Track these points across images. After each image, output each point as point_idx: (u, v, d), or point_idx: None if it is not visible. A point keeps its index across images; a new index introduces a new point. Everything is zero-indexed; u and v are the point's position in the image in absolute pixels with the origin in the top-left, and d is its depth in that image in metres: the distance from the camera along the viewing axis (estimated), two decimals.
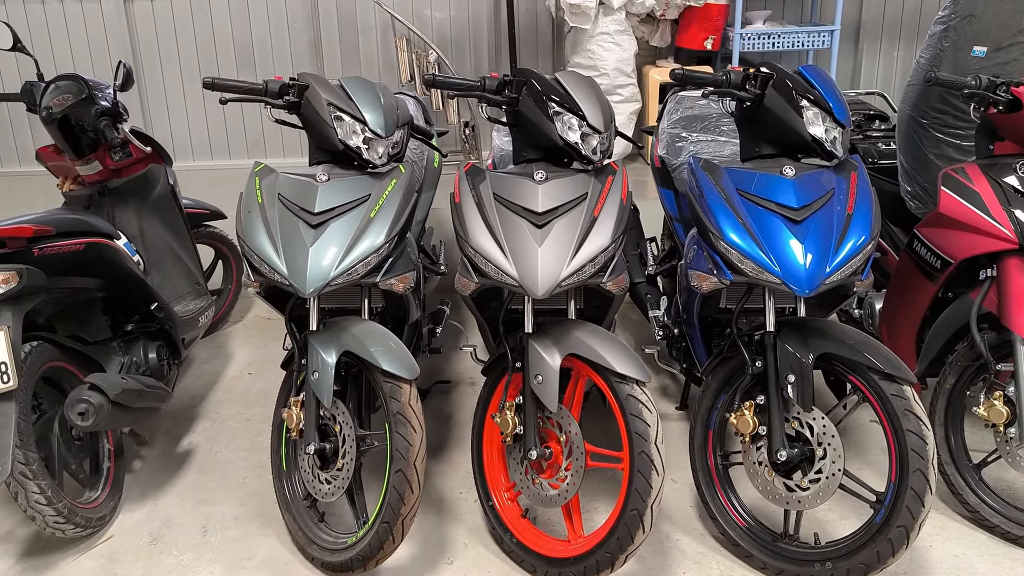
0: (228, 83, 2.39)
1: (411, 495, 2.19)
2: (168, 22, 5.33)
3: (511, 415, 2.33)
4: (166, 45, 5.36)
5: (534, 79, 2.35)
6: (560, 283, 2.20)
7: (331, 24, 5.32)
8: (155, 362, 2.92)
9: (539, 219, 2.25)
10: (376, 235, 2.30)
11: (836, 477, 2.19)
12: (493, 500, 2.49)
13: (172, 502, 2.77)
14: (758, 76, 2.31)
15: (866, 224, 2.22)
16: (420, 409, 2.25)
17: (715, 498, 2.46)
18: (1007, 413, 2.38)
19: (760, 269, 2.17)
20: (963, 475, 2.54)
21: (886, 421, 2.14)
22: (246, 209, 2.36)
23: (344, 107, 2.38)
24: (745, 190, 2.27)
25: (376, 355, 2.24)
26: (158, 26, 5.33)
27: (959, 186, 2.49)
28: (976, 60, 2.66)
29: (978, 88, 2.38)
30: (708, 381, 2.49)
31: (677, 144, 3.16)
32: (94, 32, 5.35)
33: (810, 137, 2.28)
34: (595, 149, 2.36)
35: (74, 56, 5.36)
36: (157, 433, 3.18)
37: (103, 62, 5.31)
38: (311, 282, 2.22)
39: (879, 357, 2.15)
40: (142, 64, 5.36)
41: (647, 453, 2.13)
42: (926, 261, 2.61)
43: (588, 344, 2.23)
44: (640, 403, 2.17)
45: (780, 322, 2.31)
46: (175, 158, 5.47)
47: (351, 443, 2.30)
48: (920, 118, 2.83)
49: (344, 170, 2.42)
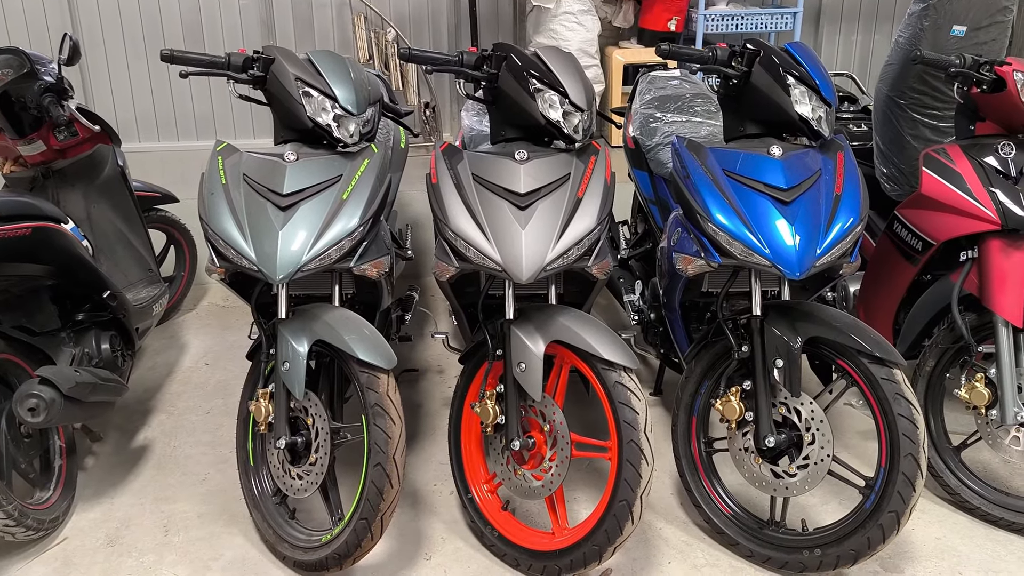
0: (188, 56, 2.23)
1: (391, 490, 2.09)
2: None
3: (492, 404, 2.24)
4: (109, 19, 5.09)
5: (514, 54, 2.25)
6: (545, 267, 2.11)
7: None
8: (108, 353, 2.76)
9: (522, 200, 2.16)
10: (349, 218, 2.18)
11: (825, 463, 2.16)
12: (472, 493, 2.40)
13: (130, 501, 2.62)
14: (745, 53, 2.25)
15: (855, 205, 2.18)
16: (399, 400, 2.15)
17: (699, 486, 2.42)
18: (988, 395, 2.37)
19: (749, 251, 2.12)
20: (943, 458, 2.54)
21: (876, 405, 2.11)
22: (208, 191, 2.22)
23: (313, 82, 2.25)
24: (732, 170, 2.21)
25: (351, 344, 2.13)
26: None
27: (941, 167, 2.46)
28: (955, 40, 2.64)
29: (962, 67, 2.35)
30: (691, 367, 2.43)
31: (651, 125, 3.09)
32: (31, 4, 5.06)
33: (797, 116, 2.23)
34: (577, 127, 2.27)
35: (8, 30, 5.06)
36: (109, 428, 3.02)
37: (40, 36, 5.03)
38: (282, 268, 2.10)
39: (869, 340, 2.12)
40: (83, 40, 5.08)
41: (636, 442, 2.07)
42: (907, 243, 2.59)
43: (573, 330, 2.15)
44: (628, 390, 2.10)
45: (766, 305, 2.27)
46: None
47: (325, 436, 2.19)
48: (898, 98, 2.80)
49: (313, 149, 2.30)
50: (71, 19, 5.07)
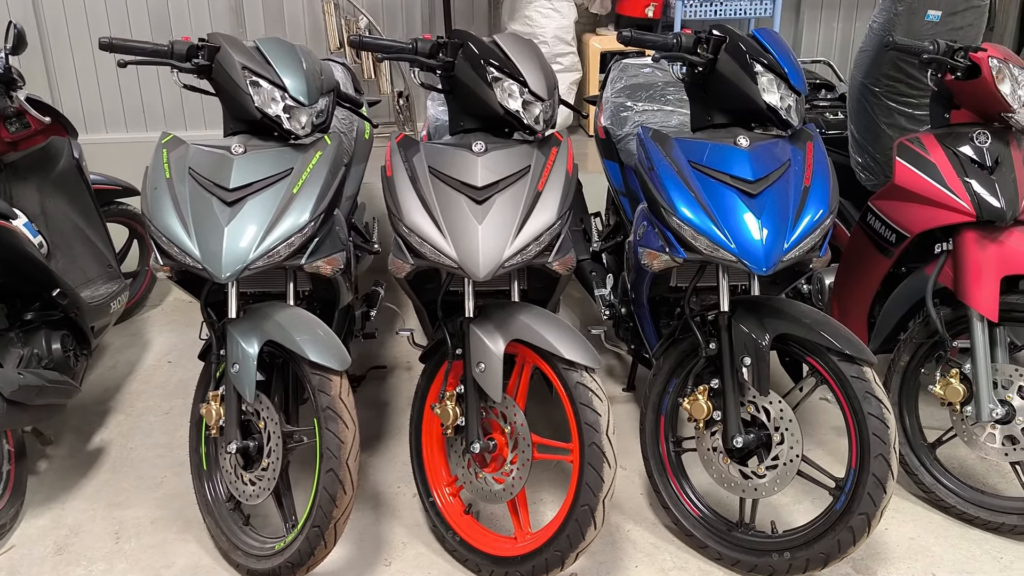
0: (129, 44, 2.14)
1: (344, 496, 2.01)
2: None
3: (452, 405, 2.16)
4: (73, 9, 4.97)
5: (471, 42, 2.16)
6: (503, 264, 2.03)
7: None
8: (59, 353, 2.66)
9: (479, 194, 2.08)
10: (300, 213, 2.09)
11: (794, 463, 2.09)
12: (434, 496, 2.33)
13: (81, 506, 2.53)
14: (710, 39, 2.16)
15: (824, 197, 2.10)
16: (352, 402, 2.07)
17: (667, 486, 2.35)
18: (963, 391, 2.31)
19: (715, 246, 2.04)
20: (918, 455, 2.48)
21: (846, 404, 2.05)
22: (152, 185, 2.12)
23: (261, 71, 2.15)
24: (697, 162, 2.13)
25: (302, 344, 2.04)
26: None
27: (914, 157, 2.39)
28: (930, 25, 2.56)
29: (936, 53, 2.27)
30: (659, 364, 2.36)
31: (622, 114, 3.00)
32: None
33: (764, 105, 2.15)
34: (538, 118, 2.18)
35: None
36: (64, 430, 2.92)
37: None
38: (227, 266, 2.01)
39: (838, 337, 2.05)
40: (46, 28, 4.96)
41: (598, 444, 1.99)
42: (880, 235, 2.52)
43: (533, 329, 2.08)
44: (590, 391, 2.03)
45: (734, 301, 2.19)
46: (86, 130, 5.12)
47: (277, 440, 2.11)
48: (872, 86, 2.73)
49: (263, 141, 2.20)
50: (34, 8, 4.94)
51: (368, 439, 2.85)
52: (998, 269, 2.27)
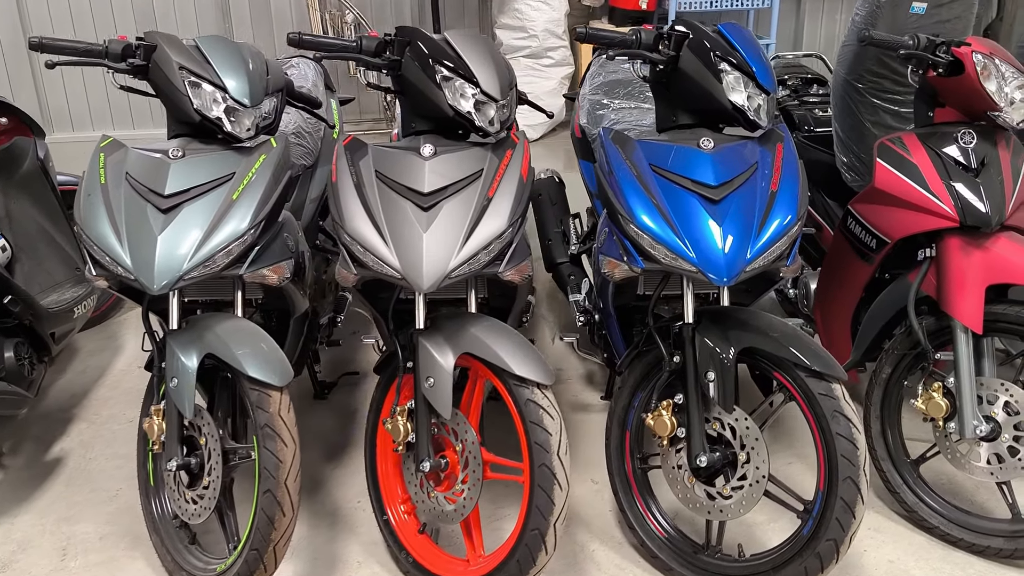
0: (60, 44, 2.04)
1: (282, 518, 1.92)
2: None
3: (403, 421, 2.06)
4: (57, 6, 4.91)
5: (419, 39, 2.05)
6: (449, 275, 1.92)
7: None
8: (12, 362, 2.59)
9: (425, 200, 1.97)
10: (239, 220, 2.00)
11: (761, 484, 1.98)
12: (388, 514, 2.23)
13: (31, 520, 2.46)
14: (672, 36, 2.04)
15: (792, 203, 1.98)
16: (293, 420, 1.97)
17: (633, 505, 2.24)
18: (946, 406, 2.19)
19: (674, 256, 1.92)
20: (900, 472, 2.35)
21: (814, 423, 1.93)
22: (86, 192, 2.04)
23: (200, 72, 2.06)
24: (659, 165, 2.02)
25: (241, 359, 1.95)
26: None
27: (896, 158, 2.26)
28: (915, 17, 2.42)
29: (915, 48, 2.14)
30: (625, 377, 2.25)
31: (598, 112, 2.89)
32: None
33: (730, 104, 2.03)
34: (492, 120, 2.07)
35: None
36: (25, 439, 2.86)
37: None
38: (160, 277, 1.92)
39: (806, 352, 1.92)
40: (31, 26, 4.91)
41: (548, 466, 1.89)
42: (860, 240, 2.39)
43: (484, 342, 1.97)
44: (541, 409, 1.92)
45: (700, 312, 2.07)
46: (73, 128, 5.08)
47: (217, 458, 2.02)
48: (856, 82, 2.59)
49: (204, 145, 2.11)
50: (19, 9, 4.88)
51: (334, 449, 2.76)
52: (983, 277, 2.14)
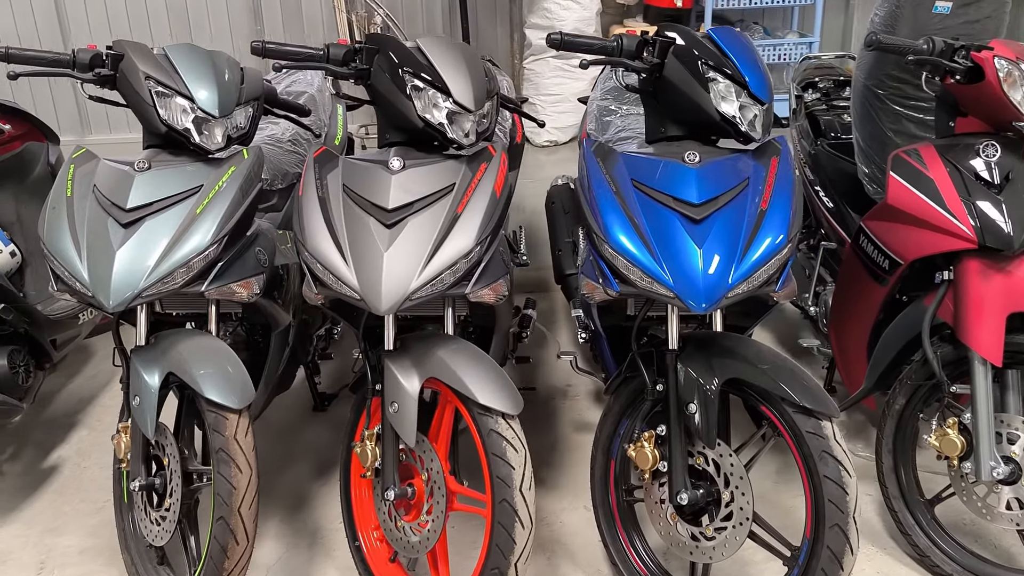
0: (25, 54, 2.01)
1: (236, 547, 1.85)
2: None
3: (371, 445, 1.97)
4: (95, 10, 4.98)
5: (389, 48, 1.96)
6: (409, 296, 1.82)
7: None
8: (4, 370, 2.58)
9: (388, 217, 1.87)
10: (202, 234, 1.93)
11: (745, 526, 1.83)
12: (360, 540, 2.15)
13: (16, 531, 2.46)
14: (656, 42, 1.90)
15: (783, 222, 1.81)
16: (251, 444, 1.90)
17: (616, 539, 2.11)
18: (961, 444, 2.00)
19: (650, 279, 1.78)
20: (913, 512, 2.17)
21: (801, 464, 1.77)
22: (52, 204, 2.00)
23: (167, 82, 2.00)
24: (641, 181, 1.87)
25: (199, 379, 1.89)
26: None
27: (911, 172, 2.07)
28: (939, 18, 2.22)
29: (929, 53, 1.95)
30: (610, 403, 2.12)
31: (605, 118, 2.75)
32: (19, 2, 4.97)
33: (718, 116, 1.88)
34: (468, 132, 1.96)
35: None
36: (27, 444, 2.87)
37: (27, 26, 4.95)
38: (116, 294, 1.86)
39: (794, 386, 1.77)
40: (69, 30, 4.99)
41: (509, 501, 1.77)
42: (873, 260, 2.21)
43: (449, 367, 1.86)
44: (504, 440, 1.81)
45: (685, 338, 1.93)
46: (90, 130, 5.13)
47: (178, 480, 1.97)
48: (876, 88, 2.40)
49: (172, 156, 2.05)
50: (56, 11, 4.96)
51: (324, 465, 2.69)
52: (1004, 305, 1.94)
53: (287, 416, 2.96)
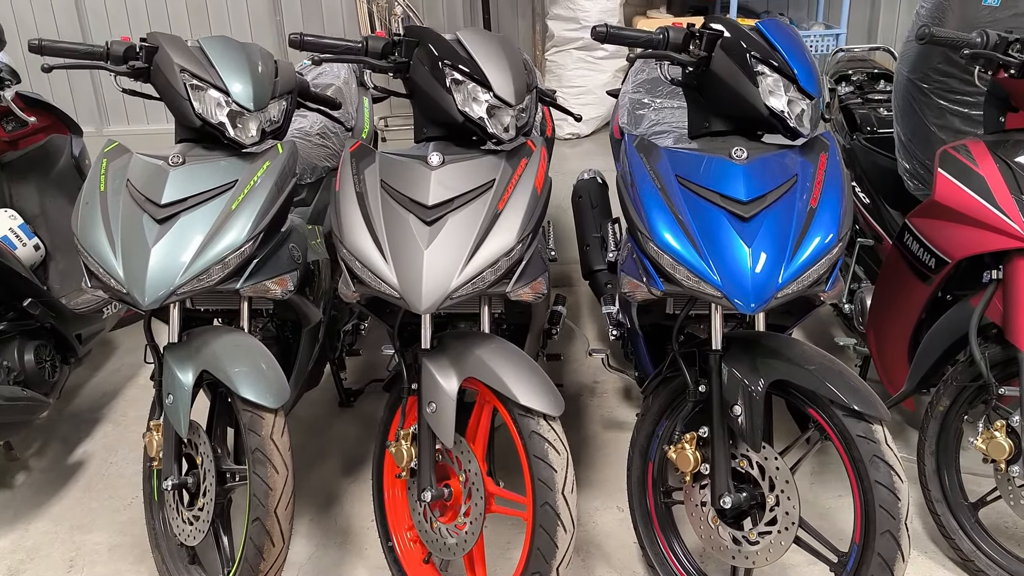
0: (59, 46, 1.98)
1: (272, 548, 1.82)
2: None
3: (406, 446, 1.94)
4: (115, 8, 4.95)
5: (429, 40, 1.92)
6: (450, 295, 1.79)
7: None
8: (32, 366, 2.56)
9: (428, 214, 1.83)
10: (238, 231, 1.90)
11: (791, 531, 1.79)
12: (393, 540, 2.12)
13: (45, 527, 2.44)
14: (704, 35, 1.85)
15: (833, 221, 1.77)
16: (286, 444, 1.87)
17: (654, 542, 2.08)
18: (1009, 447, 1.95)
19: (697, 278, 1.74)
20: (956, 516, 2.12)
21: (850, 467, 1.73)
22: (84, 200, 1.97)
23: (202, 74, 1.96)
24: (687, 177, 1.83)
25: (235, 377, 1.86)
26: None
27: (960, 168, 2.02)
28: (988, 10, 2.16)
29: (983, 47, 1.90)
30: (648, 403, 2.08)
31: (638, 112, 2.71)
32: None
33: (767, 110, 1.83)
34: (508, 126, 1.92)
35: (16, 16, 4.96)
36: (53, 439, 2.85)
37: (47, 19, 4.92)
38: (151, 291, 1.83)
39: (844, 388, 1.72)
40: (89, 24, 4.97)
41: (552, 505, 1.74)
42: (918, 258, 2.16)
43: (489, 366, 1.83)
44: (546, 442, 1.77)
45: (729, 338, 1.89)
46: (108, 122, 5.11)
47: (212, 479, 1.94)
48: (920, 82, 2.35)
49: (207, 151, 2.02)
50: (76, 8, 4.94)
51: (353, 461, 2.67)
52: None
53: (313, 412, 2.93)
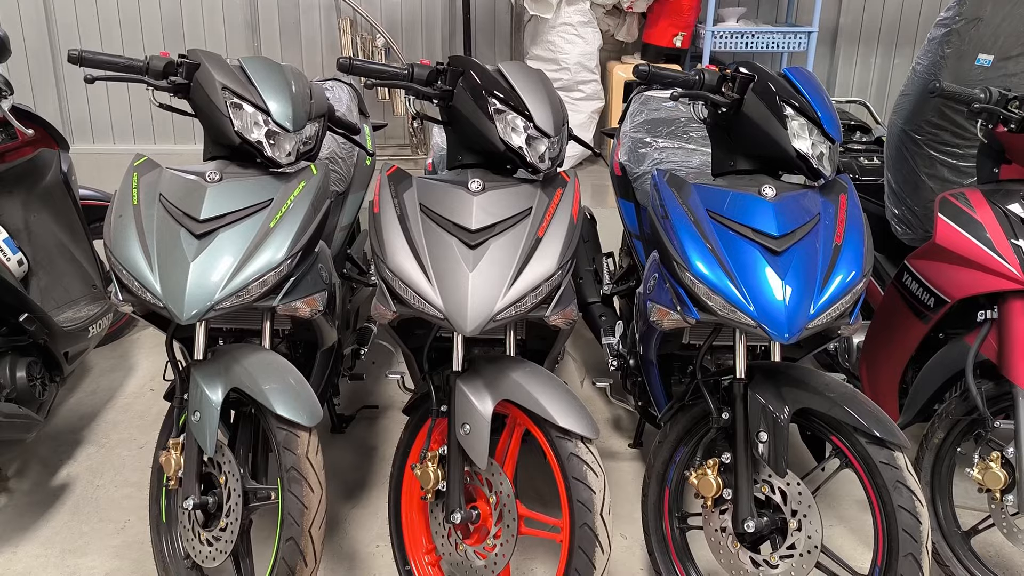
0: (101, 58, 1.97)
1: (304, 569, 1.80)
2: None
3: (433, 467, 1.96)
4: (86, 19, 4.87)
5: (473, 70, 1.98)
6: (494, 317, 1.83)
7: (270, 1, 4.89)
8: (23, 383, 2.48)
9: (472, 238, 1.88)
10: (276, 249, 1.91)
11: (812, 555, 1.86)
12: (411, 565, 2.12)
13: (35, 551, 2.35)
14: (736, 78, 1.96)
15: (857, 257, 1.88)
16: (321, 463, 1.87)
17: (669, 568, 2.12)
18: (1004, 478, 2.06)
19: (732, 308, 1.82)
20: (950, 544, 2.23)
21: (873, 493, 1.81)
22: (117, 212, 1.95)
23: (243, 93, 1.97)
24: (717, 212, 1.92)
25: (269, 395, 1.85)
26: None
27: (959, 214, 2.16)
28: (980, 70, 2.34)
29: (987, 102, 2.05)
30: (666, 430, 2.14)
31: (640, 150, 2.80)
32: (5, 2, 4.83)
33: (794, 152, 1.94)
34: (543, 156, 1.99)
35: None
36: (32, 461, 2.75)
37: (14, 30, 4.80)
38: (190, 306, 1.82)
39: (867, 417, 1.82)
40: (58, 40, 4.87)
41: (590, 526, 1.78)
42: (917, 298, 2.29)
43: (525, 389, 1.87)
44: (584, 464, 1.81)
45: (752, 368, 1.97)
46: (93, 140, 5.02)
47: (237, 498, 1.91)
48: (914, 133, 2.51)
49: (242, 169, 2.02)
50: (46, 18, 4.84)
51: (351, 487, 2.65)
52: None
53: None
